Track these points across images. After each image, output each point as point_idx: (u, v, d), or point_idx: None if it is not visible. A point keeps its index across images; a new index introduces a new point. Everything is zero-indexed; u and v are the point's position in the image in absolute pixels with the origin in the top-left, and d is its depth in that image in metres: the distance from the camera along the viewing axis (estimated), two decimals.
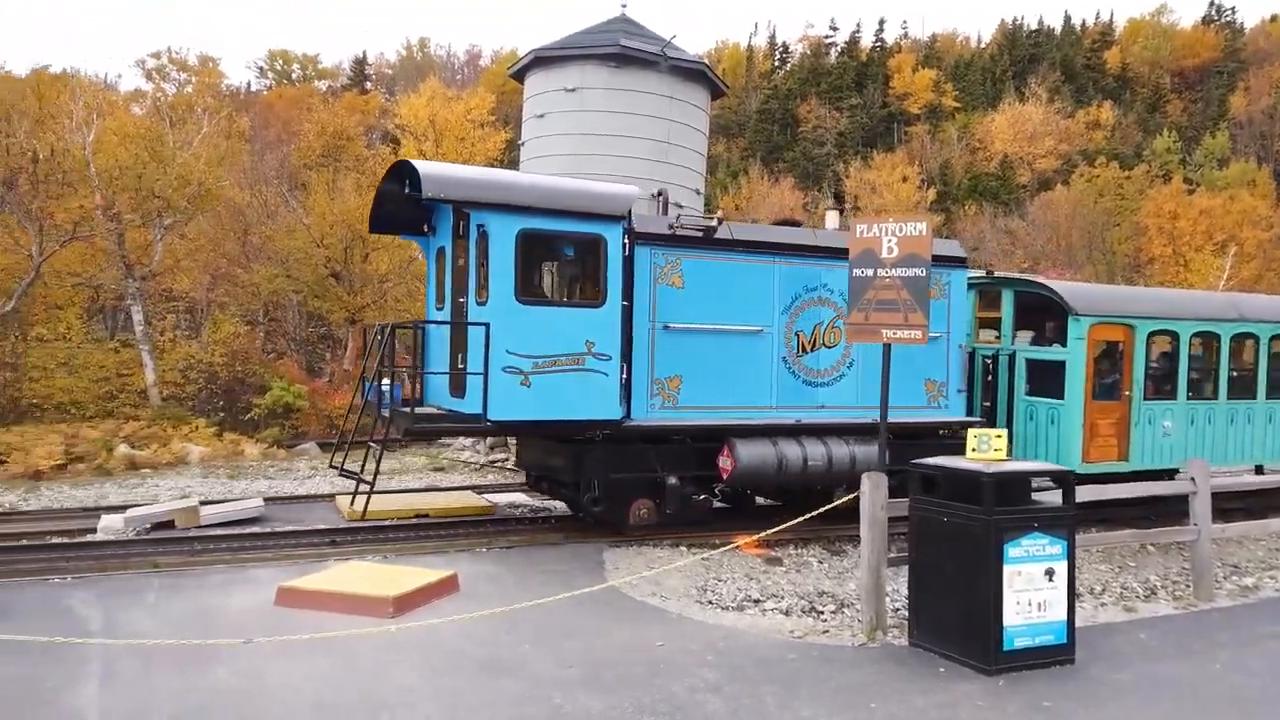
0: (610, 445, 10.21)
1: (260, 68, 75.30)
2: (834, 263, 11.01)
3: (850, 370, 11.39)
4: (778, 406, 10.94)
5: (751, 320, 10.77)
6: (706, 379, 10.51)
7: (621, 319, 9.88)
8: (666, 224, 10.52)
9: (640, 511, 10.34)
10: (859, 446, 10.87)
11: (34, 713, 5.34)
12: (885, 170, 56.26)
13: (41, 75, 32.55)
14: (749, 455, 10.30)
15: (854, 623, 7.66)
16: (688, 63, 20.42)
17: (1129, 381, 12.18)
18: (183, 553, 9.42)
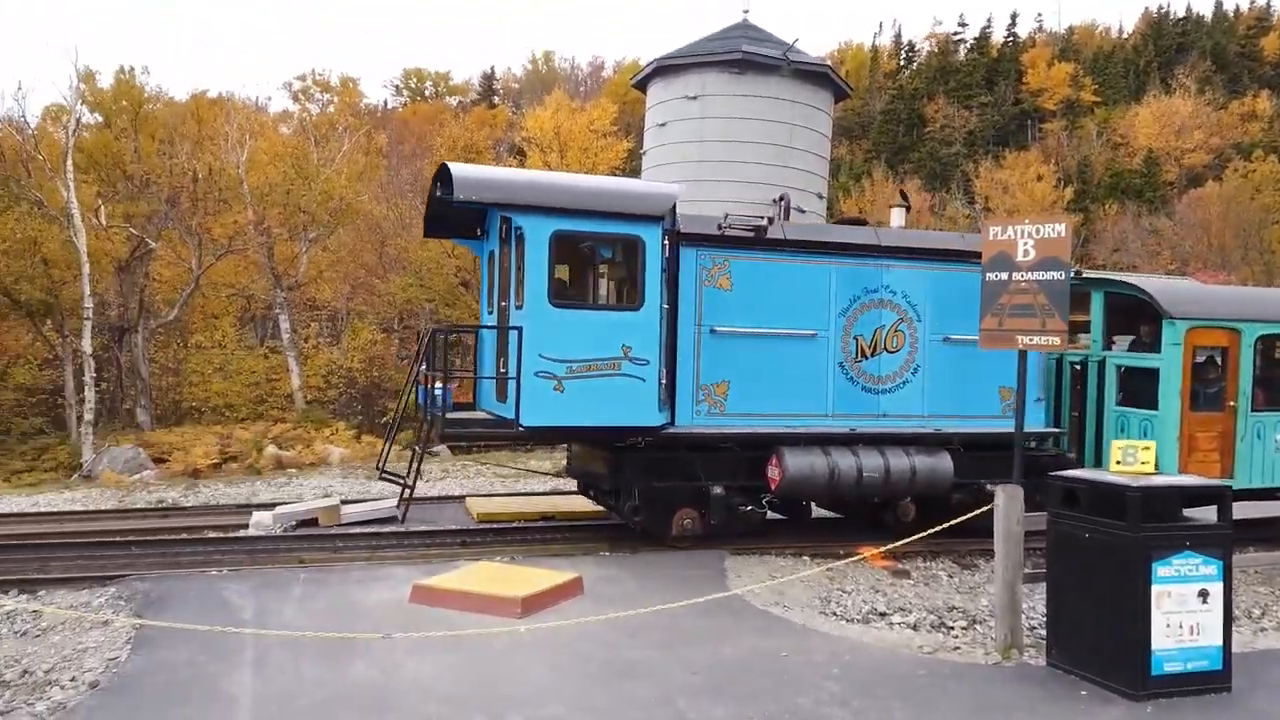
0: (652, 452, 9.93)
1: (396, 86, 78.54)
2: (896, 263, 10.64)
3: (915, 376, 10.78)
4: (834, 414, 10.47)
5: (805, 324, 10.34)
6: (756, 385, 10.14)
7: (662, 322, 9.58)
8: (715, 224, 10.17)
9: (684, 522, 10.06)
10: (920, 458, 10.30)
11: (197, 696, 5.73)
12: (1018, 169, 54.05)
13: (200, 100, 34.92)
14: (798, 465, 9.86)
15: (987, 640, 7.39)
16: (810, 65, 20.18)
17: (1234, 391, 11.13)
18: (325, 549, 9.92)
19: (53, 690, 5.96)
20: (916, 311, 10.74)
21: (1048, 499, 6.76)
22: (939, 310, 10.77)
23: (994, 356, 10.58)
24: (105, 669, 6.21)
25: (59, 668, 6.35)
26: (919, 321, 10.75)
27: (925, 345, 10.76)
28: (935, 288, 10.78)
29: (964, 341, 10.63)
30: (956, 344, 10.71)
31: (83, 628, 7.22)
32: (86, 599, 8.03)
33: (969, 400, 10.84)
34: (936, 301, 10.77)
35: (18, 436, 25.85)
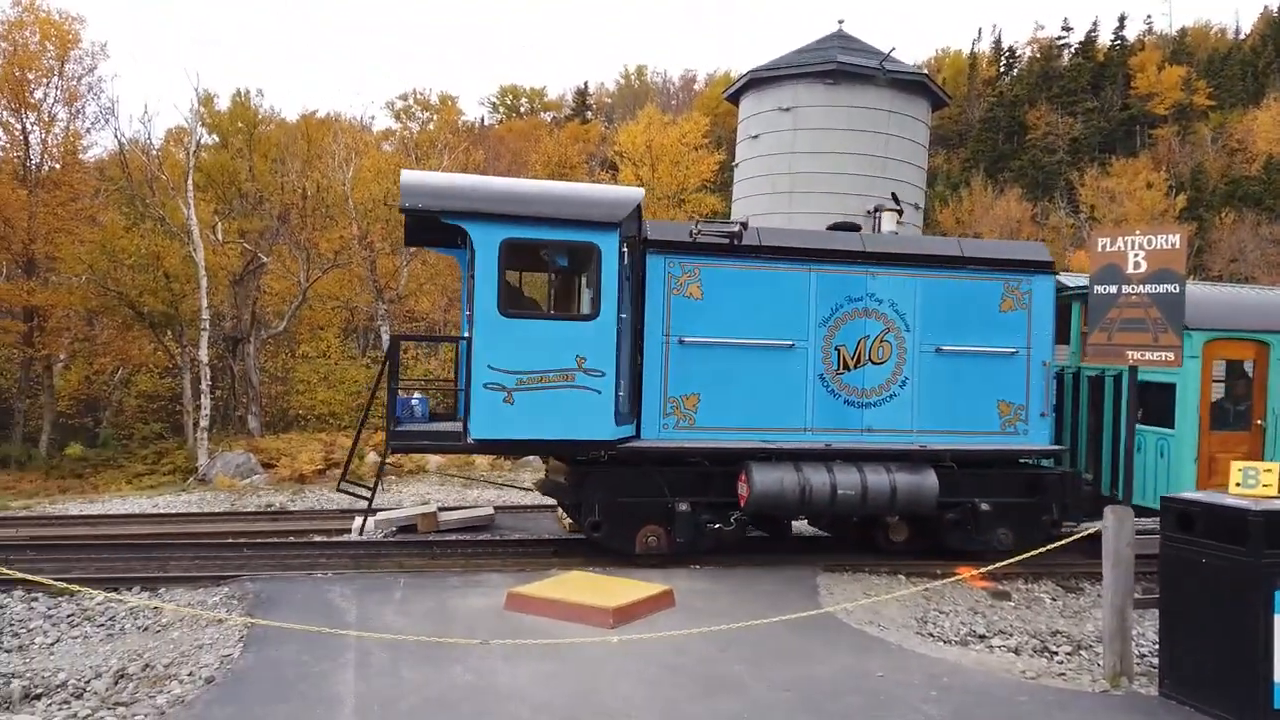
0: (615, 467, 9.62)
1: (492, 103, 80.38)
2: (883, 269, 10.17)
3: (904, 389, 10.25)
4: (813, 429, 10.02)
5: (781, 334, 9.93)
6: (728, 397, 9.79)
7: (620, 333, 9.21)
8: (686, 231, 9.86)
9: (648, 539, 9.66)
10: (902, 475, 9.77)
11: (304, 694, 5.96)
12: (1126, 177, 51.95)
13: (309, 120, 36.45)
14: (766, 482, 9.42)
15: (1093, 667, 7.12)
16: (907, 74, 19.88)
17: (1262, 408, 10.36)
18: (424, 555, 10.19)
19: (172, 684, 6.28)
20: (905, 321, 10.24)
21: (1162, 520, 6.46)
22: (931, 320, 10.27)
23: (991, 368, 10.18)
24: (219, 665, 6.51)
25: (177, 663, 6.69)
26: (908, 331, 10.25)
27: (915, 356, 10.25)
28: (927, 296, 10.28)
29: (958, 353, 10.28)
30: (950, 355, 10.27)
31: (199, 625, 7.59)
32: (202, 597, 8.44)
33: (964, 415, 10.31)
34: (928, 310, 10.28)
35: (139, 441, 27.36)
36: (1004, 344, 10.32)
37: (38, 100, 29.31)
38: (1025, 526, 10.28)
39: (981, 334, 10.32)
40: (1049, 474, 10.55)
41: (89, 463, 26.00)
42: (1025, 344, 10.42)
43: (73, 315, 28.73)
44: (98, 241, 26.49)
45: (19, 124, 29.27)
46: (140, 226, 27.42)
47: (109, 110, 35.00)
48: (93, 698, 6.16)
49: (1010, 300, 10.34)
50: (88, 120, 30.81)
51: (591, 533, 9.69)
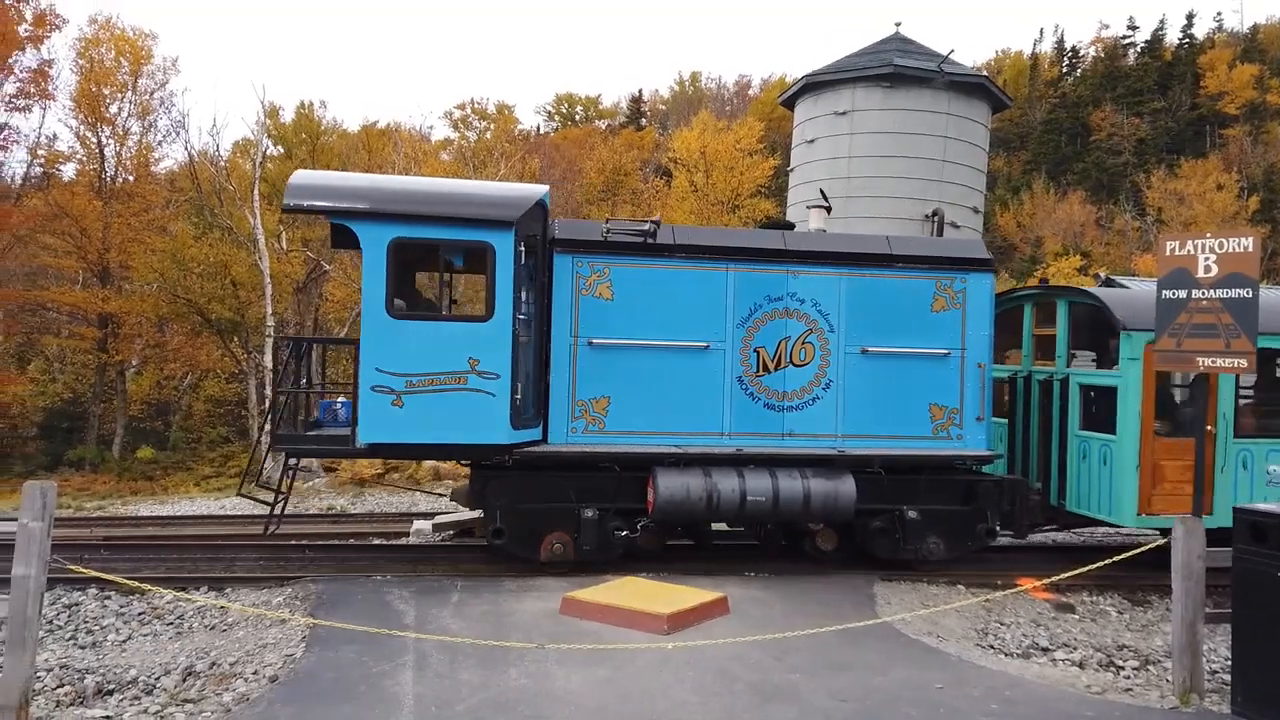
0: (519, 472, 9.35)
1: (548, 111, 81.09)
2: (805, 268, 9.81)
3: (828, 392, 9.87)
4: (731, 433, 9.68)
5: (697, 335, 9.61)
6: (640, 401, 9.49)
7: (517, 334, 8.93)
8: (597, 230, 9.59)
9: (554, 546, 9.34)
10: (818, 481, 9.41)
11: (364, 694, 6.06)
12: (1195, 179, 50.42)
13: (370, 130, 37.22)
14: (670, 488, 9.14)
15: (1162, 683, 6.91)
16: (966, 77, 19.58)
17: (1212, 413, 9.72)
18: (480, 559, 10.29)
19: (237, 683, 6.44)
20: (829, 321, 9.88)
21: (1235, 532, 6.25)
22: (856, 320, 9.90)
23: (922, 370, 9.80)
24: (283, 664, 6.66)
25: (243, 661, 6.86)
26: (832, 332, 9.88)
27: (840, 358, 9.88)
28: (852, 295, 9.91)
29: (886, 354, 9.90)
30: (877, 357, 9.90)
31: (263, 625, 7.77)
32: (267, 598, 8.64)
33: (893, 419, 9.92)
34: (854, 310, 9.91)
35: (207, 444, 28.14)
36: (936, 345, 9.93)
37: (112, 115, 30.40)
38: (959, 535, 9.97)
39: (912, 335, 9.94)
40: (984, 481, 10.13)
41: (159, 465, 26.85)
42: (959, 345, 10.02)
43: (144, 322, 29.73)
44: (168, 250, 27.38)
45: (95, 138, 30.39)
46: (209, 236, 28.28)
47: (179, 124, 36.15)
48: (162, 694, 6.34)
49: (943, 299, 9.95)
50: (159, 133, 31.91)
51: (493, 540, 9.39)
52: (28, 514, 5.38)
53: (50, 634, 7.85)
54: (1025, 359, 11.39)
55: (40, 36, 28.55)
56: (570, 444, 9.43)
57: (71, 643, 7.72)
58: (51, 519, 5.46)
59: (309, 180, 9.46)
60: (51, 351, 30.68)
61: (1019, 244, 54.35)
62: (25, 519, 5.37)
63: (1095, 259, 46.00)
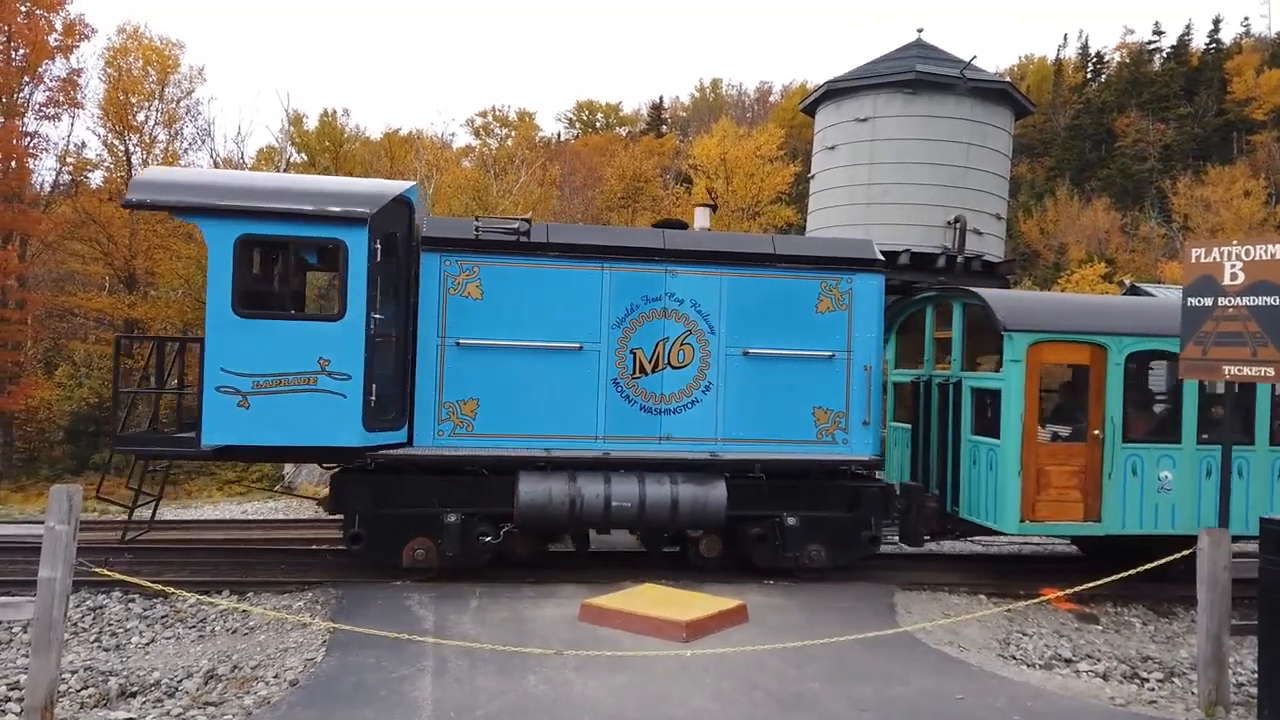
0: (378, 475, 9.11)
1: (569, 118, 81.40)
2: (684, 268, 9.60)
3: (707, 395, 9.62)
4: (605, 437, 9.45)
5: (570, 336, 9.39)
6: (510, 403, 9.27)
7: (373, 334, 8.70)
8: (467, 228, 9.38)
9: (416, 552, 9.11)
10: (687, 487, 9.21)
11: (383, 698, 6.09)
12: (1222, 185, 49.91)
13: (392, 137, 37.49)
14: (532, 493, 8.97)
15: (1186, 695, 6.83)
16: (989, 83, 19.48)
17: (1099, 417, 9.53)
18: (498, 564, 10.29)
19: (258, 685, 6.48)
20: (709, 322, 9.65)
21: (1261, 543, 6.17)
22: (738, 321, 9.68)
23: (806, 373, 9.58)
24: (304, 668, 6.71)
25: (264, 665, 6.91)
26: (712, 334, 9.66)
27: (720, 360, 9.65)
28: (733, 296, 9.69)
29: (769, 356, 9.68)
30: (759, 359, 9.67)
31: (284, 629, 7.82)
32: (288, 602, 8.70)
33: (775, 422, 9.68)
34: (735, 311, 9.68)
35: None
36: (821, 347, 9.73)
37: (139, 123, 30.81)
38: (842, 543, 9.78)
39: (795, 336, 9.72)
40: (870, 487, 9.90)
41: (182, 469, 27.05)
42: (845, 347, 9.80)
43: (169, 328, 30.03)
44: (193, 257, 27.68)
45: (122, 146, 30.82)
46: None
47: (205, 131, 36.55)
48: (184, 697, 6.40)
49: (828, 300, 9.75)
50: (185, 141, 32.30)
51: (351, 545, 9.17)
52: (54, 517, 5.45)
53: (75, 636, 7.94)
54: (927, 363, 11.19)
55: (70, 46, 29.01)
56: (436, 447, 9.21)
57: (96, 645, 7.81)
58: (77, 522, 5.53)
59: (155, 176, 9.20)
60: (79, 356, 31.08)
61: (1042, 251, 53.97)
62: (52, 522, 5.45)
63: (1120, 266, 45.59)
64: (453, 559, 9.17)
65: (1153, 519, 9.63)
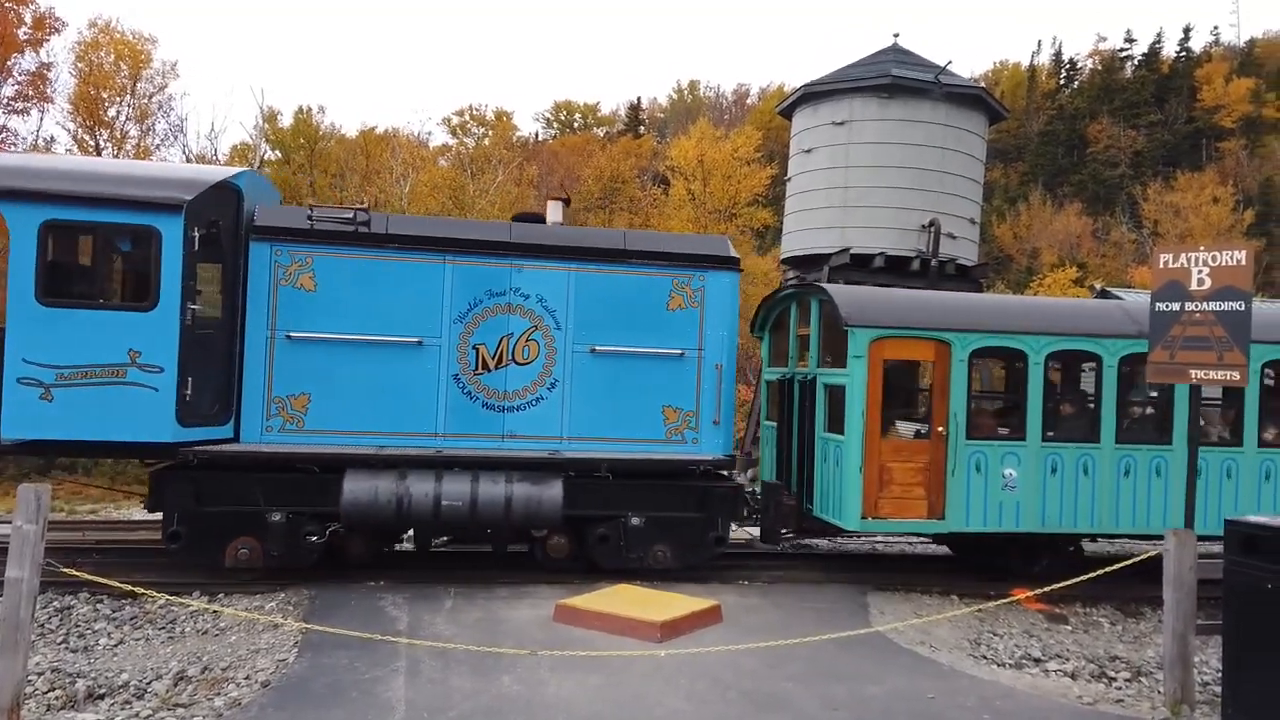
0: (199, 472, 8.76)
1: (546, 118, 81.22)
2: (531, 262, 9.45)
3: (553, 393, 9.48)
4: (445, 434, 9.28)
5: (409, 330, 9.20)
6: (345, 399, 9.06)
7: (189, 326, 8.39)
8: (301, 216, 9.14)
9: (240, 552, 8.84)
10: (521, 486, 9.03)
11: (356, 700, 6.05)
12: (1191, 192, 50.71)
13: (369, 135, 37.26)
14: (358, 491, 8.74)
15: (1153, 694, 6.93)
16: (963, 88, 19.66)
17: (943, 414, 9.48)
18: (474, 565, 10.26)
19: (229, 687, 6.43)
20: (555, 318, 9.51)
21: (1226, 544, 6.27)
22: (585, 317, 9.55)
23: (656, 371, 9.53)
24: (275, 670, 6.65)
25: (235, 666, 6.85)
26: (558, 330, 9.51)
27: (566, 357, 9.52)
28: (581, 292, 9.56)
29: (617, 354, 9.57)
30: (607, 356, 9.56)
31: (256, 630, 7.76)
32: (260, 603, 8.62)
33: (624, 421, 9.56)
34: (583, 307, 9.55)
35: None
36: (671, 345, 9.62)
37: (111, 118, 30.42)
38: (689, 543, 9.62)
39: (645, 334, 9.60)
40: (717, 487, 9.73)
41: None
42: (696, 345, 9.68)
43: None
44: None
45: (93, 141, 30.42)
46: None
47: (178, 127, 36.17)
48: (153, 699, 6.33)
49: (680, 298, 9.63)
50: (157, 137, 31.92)
51: (169, 544, 8.87)
52: (21, 517, 5.38)
53: (42, 638, 7.83)
54: (790, 360, 11.18)
55: (39, 39, 28.63)
56: (264, 443, 8.96)
57: (63, 646, 7.70)
58: (45, 522, 5.46)
59: None
60: None
61: (1016, 255, 54.56)
62: (19, 521, 5.37)
63: (1092, 270, 46.18)
64: (277, 559, 8.93)
65: (997, 517, 9.59)
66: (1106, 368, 9.80)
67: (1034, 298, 11.40)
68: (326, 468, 9.01)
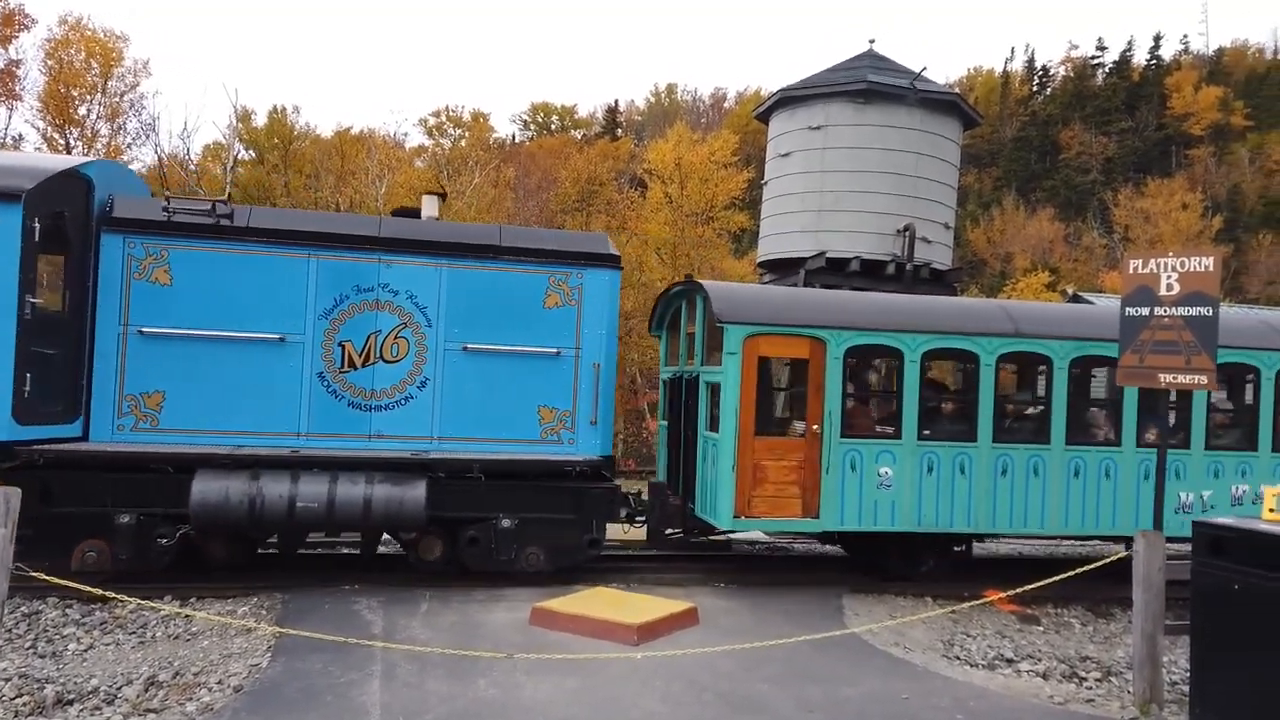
0: (48, 473, 8.41)
1: (524, 120, 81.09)
2: (400, 258, 9.28)
3: (423, 391, 9.28)
4: (309, 434, 9.06)
5: (270, 326, 8.96)
6: (203, 396, 8.81)
7: (26, 319, 8.05)
8: (158, 207, 8.87)
9: (88, 554, 8.53)
10: (382, 487, 8.75)
11: (328, 704, 6.01)
12: (1161, 198, 51.46)
13: (344, 136, 37.02)
14: (208, 492, 8.42)
15: (1123, 693, 7.02)
16: (938, 94, 19.85)
17: (818, 412, 9.41)
18: (450, 569, 10.22)
19: (201, 692, 6.35)
20: (426, 315, 9.33)
21: (1193, 546, 6.37)
22: (458, 315, 9.38)
23: (532, 370, 9.43)
24: (248, 674, 6.59)
25: (207, 670, 6.78)
26: (429, 327, 9.33)
27: (438, 355, 9.34)
28: (453, 288, 9.39)
29: (491, 352, 9.42)
30: (480, 355, 9.40)
31: (228, 634, 7.68)
32: (232, 607, 8.53)
33: (497, 421, 9.39)
34: (455, 304, 9.38)
35: None
36: (547, 343, 9.48)
37: (81, 116, 30.03)
38: (563, 546, 9.47)
39: (520, 332, 9.46)
40: (593, 488, 9.53)
41: None
42: (573, 344, 9.54)
43: None
44: None
45: (63, 139, 30.01)
46: None
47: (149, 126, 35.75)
48: (124, 704, 6.25)
49: (556, 295, 9.50)
50: (129, 136, 31.55)
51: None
52: None
53: (9, 643, 7.70)
54: (680, 359, 11.13)
55: (8, 36, 28.20)
56: (115, 442, 8.68)
57: (31, 652, 7.58)
58: (14, 526, 5.39)
59: None
60: None
61: (989, 259, 55.10)
62: None
63: (1063, 275, 46.71)
64: (126, 562, 8.61)
65: (872, 516, 9.54)
66: (984, 366, 9.76)
67: (915, 296, 11.32)
68: (181, 468, 8.66)
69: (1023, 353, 10.08)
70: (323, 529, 9.19)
